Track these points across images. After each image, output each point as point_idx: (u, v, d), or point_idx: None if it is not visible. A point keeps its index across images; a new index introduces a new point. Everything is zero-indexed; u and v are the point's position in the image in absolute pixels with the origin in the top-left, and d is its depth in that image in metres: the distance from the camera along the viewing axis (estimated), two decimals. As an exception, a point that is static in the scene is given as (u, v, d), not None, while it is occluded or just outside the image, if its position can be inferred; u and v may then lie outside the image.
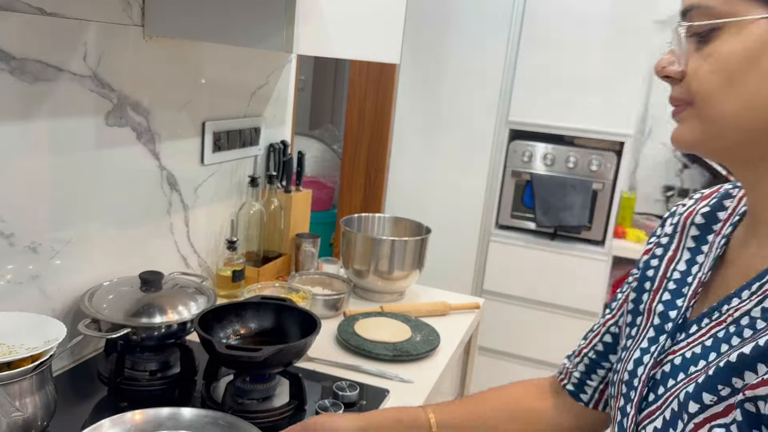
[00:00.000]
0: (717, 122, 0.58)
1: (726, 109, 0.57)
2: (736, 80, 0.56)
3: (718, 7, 0.56)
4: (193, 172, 1.52)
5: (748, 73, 0.55)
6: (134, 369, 1.20)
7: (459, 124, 2.81)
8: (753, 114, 0.56)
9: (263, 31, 1.15)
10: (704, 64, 0.58)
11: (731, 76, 0.56)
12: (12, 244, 1.09)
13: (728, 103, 0.57)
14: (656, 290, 0.73)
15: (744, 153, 0.59)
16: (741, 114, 0.57)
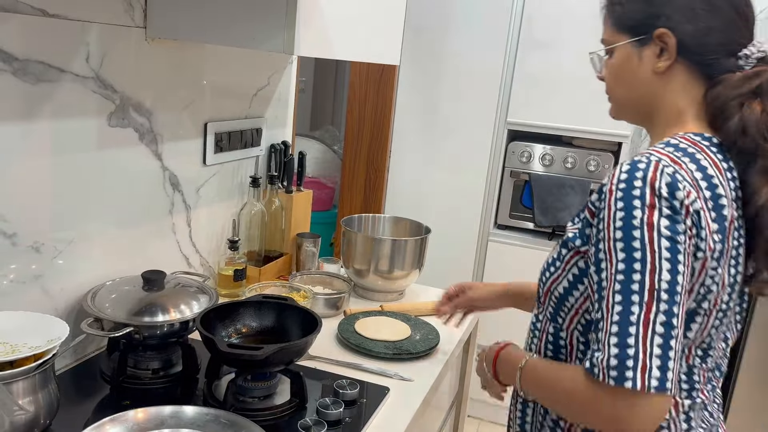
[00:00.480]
0: (618, 103, 0.98)
1: (618, 96, 0.97)
2: (619, 79, 0.95)
3: (608, 39, 0.96)
4: (195, 172, 1.52)
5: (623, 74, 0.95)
6: (136, 368, 1.21)
7: (458, 125, 2.82)
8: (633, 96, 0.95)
9: (264, 32, 1.16)
10: (608, 72, 0.97)
11: (617, 77, 0.96)
12: (15, 243, 1.10)
13: (618, 92, 0.97)
14: None
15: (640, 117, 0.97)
16: (627, 97, 0.96)
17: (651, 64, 0.90)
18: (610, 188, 0.80)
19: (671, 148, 0.85)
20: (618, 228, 0.78)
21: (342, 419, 1.13)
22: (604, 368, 0.76)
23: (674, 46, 0.88)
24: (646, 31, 0.89)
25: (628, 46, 0.92)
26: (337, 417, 1.12)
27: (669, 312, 0.75)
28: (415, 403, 1.24)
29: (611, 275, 0.78)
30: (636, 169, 0.80)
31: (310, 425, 1.08)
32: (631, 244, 0.77)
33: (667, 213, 0.78)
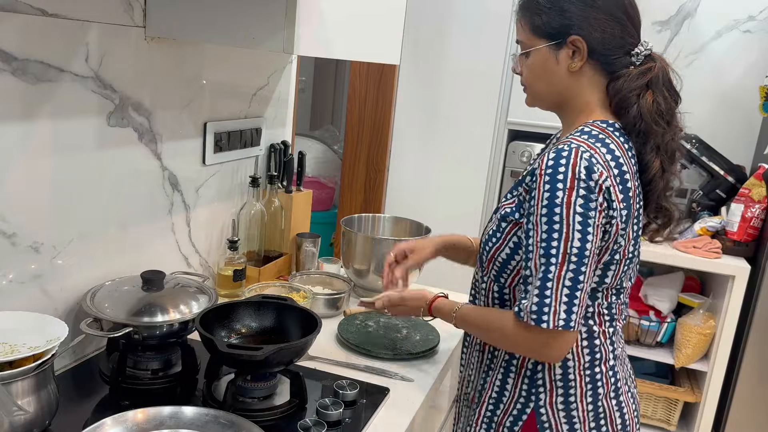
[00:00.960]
0: (537, 95, 1.14)
1: (538, 90, 1.13)
2: (538, 76, 1.12)
3: (527, 42, 1.11)
4: (195, 172, 1.52)
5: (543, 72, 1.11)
6: (136, 368, 1.20)
7: (458, 125, 2.81)
8: (550, 91, 1.12)
9: (264, 32, 1.16)
10: (525, 69, 1.13)
11: (537, 74, 1.12)
12: (14, 243, 1.10)
13: (538, 87, 1.13)
14: None
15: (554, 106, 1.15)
16: (545, 90, 1.13)
17: (566, 64, 1.08)
18: (540, 172, 1.00)
19: (586, 136, 1.04)
20: (544, 206, 0.99)
21: (342, 420, 1.13)
22: (528, 313, 1.00)
23: (585, 50, 1.07)
24: (562, 37, 1.07)
25: (545, 49, 1.09)
26: (337, 417, 1.12)
27: (576, 270, 0.99)
28: (415, 403, 1.23)
29: (536, 242, 1.00)
30: (560, 156, 0.99)
31: (310, 426, 1.08)
32: (552, 219, 0.99)
33: (582, 193, 0.98)
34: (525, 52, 1.12)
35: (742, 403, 2.38)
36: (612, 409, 1.13)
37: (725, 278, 2.35)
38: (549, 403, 1.11)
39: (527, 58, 1.12)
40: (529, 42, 1.11)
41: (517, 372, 1.13)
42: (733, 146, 2.63)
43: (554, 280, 0.99)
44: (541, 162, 1.01)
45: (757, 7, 2.56)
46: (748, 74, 2.60)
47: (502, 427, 1.14)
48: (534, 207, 1.01)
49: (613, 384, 1.13)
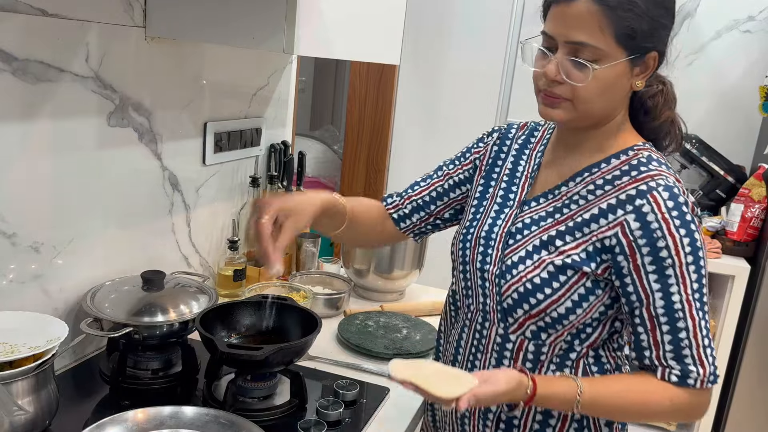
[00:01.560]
0: (587, 113, 0.93)
1: (596, 108, 0.93)
2: (606, 92, 0.91)
3: (606, 51, 0.88)
4: (195, 172, 1.52)
5: (611, 89, 0.91)
6: (136, 368, 1.20)
7: (458, 125, 2.81)
8: (604, 112, 0.95)
9: (264, 32, 1.16)
10: (593, 83, 0.89)
11: (604, 90, 0.91)
12: (14, 243, 1.10)
13: (598, 105, 0.93)
14: (499, 181, 1.10)
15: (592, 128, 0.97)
16: (602, 111, 0.94)
17: (633, 81, 0.93)
18: (663, 216, 0.88)
19: (665, 167, 0.94)
20: (689, 253, 0.88)
21: (342, 420, 1.13)
22: (705, 379, 0.90)
23: (654, 68, 0.94)
24: (643, 51, 0.90)
25: (625, 63, 0.90)
26: (337, 417, 1.12)
27: None
28: (415, 403, 1.23)
29: (689, 296, 0.89)
30: (675, 195, 0.89)
31: (310, 426, 1.08)
32: (699, 264, 0.89)
33: (701, 232, 0.90)
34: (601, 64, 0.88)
35: (741, 403, 2.38)
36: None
37: (725, 278, 2.35)
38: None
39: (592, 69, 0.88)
40: (607, 49, 0.87)
41: None
42: (733, 146, 2.63)
43: (709, 333, 0.91)
44: (655, 205, 0.88)
45: (757, 7, 2.57)
46: (747, 74, 2.60)
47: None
48: (673, 257, 0.88)
49: None
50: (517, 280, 0.97)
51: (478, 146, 1.17)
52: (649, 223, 0.88)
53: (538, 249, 0.96)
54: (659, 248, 0.88)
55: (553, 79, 0.91)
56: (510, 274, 0.98)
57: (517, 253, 0.98)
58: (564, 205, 0.98)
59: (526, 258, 0.97)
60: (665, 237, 0.88)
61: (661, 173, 0.92)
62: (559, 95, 0.92)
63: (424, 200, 1.18)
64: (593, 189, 0.96)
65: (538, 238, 0.97)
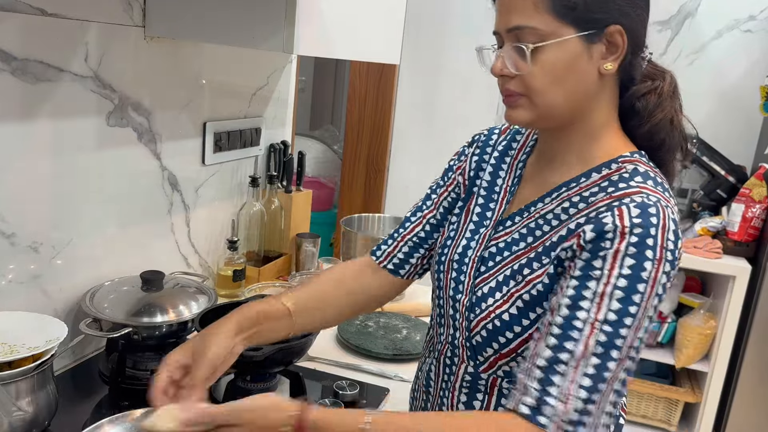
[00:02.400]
0: (545, 109, 0.80)
1: (554, 99, 0.79)
2: (561, 79, 0.78)
3: (543, 29, 0.77)
4: (194, 172, 1.52)
5: (567, 75, 0.78)
6: (135, 368, 1.20)
7: (459, 125, 2.81)
8: (569, 104, 0.80)
9: (264, 32, 1.16)
10: (537, 68, 0.78)
11: (557, 76, 0.78)
12: (13, 243, 1.10)
13: (554, 96, 0.79)
14: (473, 197, 0.97)
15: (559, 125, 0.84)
16: (562, 104, 0.80)
17: (598, 64, 0.78)
18: (623, 230, 0.72)
19: (652, 183, 0.78)
20: (624, 276, 0.72)
21: (342, 420, 1.12)
22: (562, 422, 0.70)
23: (624, 47, 0.78)
24: (598, 25, 0.76)
25: (576, 40, 0.76)
26: (337, 418, 1.11)
27: (628, 370, 0.74)
28: (415, 403, 1.23)
29: (596, 321, 0.72)
30: (648, 213, 0.73)
31: (310, 426, 1.07)
32: (631, 297, 0.72)
33: (667, 269, 0.73)
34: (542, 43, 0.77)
35: (742, 403, 2.38)
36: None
37: (726, 278, 2.35)
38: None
39: (537, 53, 0.78)
40: (548, 29, 0.77)
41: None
42: (734, 146, 2.63)
43: (608, 381, 0.71)
44: (618, 218, 0.73)
45: (758, 6, 2.56)
46: (748, 74, 2.60)
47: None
48: (603, 273, 0.73)
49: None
50: (485, 315, 0.84)
51: (459, 161, 1.03)
52: (605, 233, 0.73)
53: (507, 279, 0.83)
54: (597, 257, 0.73)
55: (500, 74, 0.82)
56: (479, 307, 0.85)
57: (488, 284, 0.86)
58: (537, 226, 0.85)
59: (496, 290, 0.84)
60: (608, 249, 0.73)
61: (643, 190, 0.76)
62: (513, 91, 0.82)
63: (419, 236, 1.04)
64: (567, 207, 0.82)
65: (509, 267, 0.84)
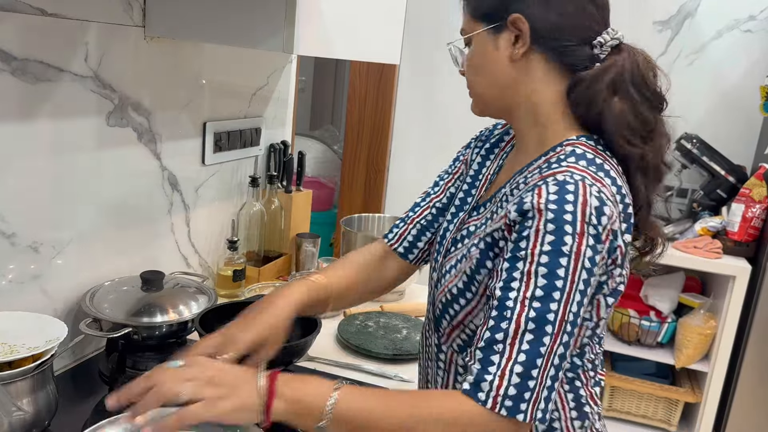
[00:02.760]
0: (480, 98, 0.93)
1: (480, 88, 0.92)
2: (478, 71, 0.91)
3: (465, 28, 0.91)
4: (194, 172, 1.52)
5: (482, 66, 0.90)
6: (135, 368, 1.20)
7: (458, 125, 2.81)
8: (493, 92, 0.90)
9: (264, 32, 1.16)
10: (468, 63, 0.92)
11: (478, 68, 0.90)
12: (13, 243, 1.10)
13: (479, 86, 0.92)
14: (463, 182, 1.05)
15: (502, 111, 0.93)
16: (487, 92, 0.91)
17: (507, 52, 0.87)
18: (538, 209, 0.76)
19: (584, 162, 0.81)
20: (545, 252, 0.75)
21: (341, 420, 1.12)
22: (499, 397, 0.73)
23: (528, 32, 0.85)
24: (501, 17, 0.86)
25: (484, 34, 0.88)
26: (337, 418, 1.11)
27: (567, 344, 0.75)
28: (415, 403, 1.23)
29: (525, 299, 0.75)
30: (565, 190, 0.76)
31: (310, 426, 1.07)
32: (555, 272, 0.74)
33: (591, 243, 0.76)
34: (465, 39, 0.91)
35: (742, 403, 2.38)
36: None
37: (726, 278, 2.35)
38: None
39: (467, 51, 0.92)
40: (468, 27, 0.91)
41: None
42: (734, 146, 2.63)
43: (545, 357, 0.74)
44: (536, 197, 0.77)
45: (758, 6, 2.56)
46: (748, 74, 2.60)
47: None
48: (528, 252, 0.76)
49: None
50: (442, 289, 0.92)
51: (465, 152, 1.11)
52: (525, 213, 0.77)
53: (462, 258, 0.90)
54: (521, 237, 0.77)
55: (460, 71, 0.96)
56: (440, 283, 0.93)
57: (450, 262, 0.92)
58: (495, 210, 0.90)
59: (453, 267, 0.91)
60: (530, 230, 0.76)
61: (569, 169, 0.79)
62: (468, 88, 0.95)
63: (427, 220, 1.10)
64: (514, 189, 0.88)
65: (467, 247, 0.90)
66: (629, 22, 2.48)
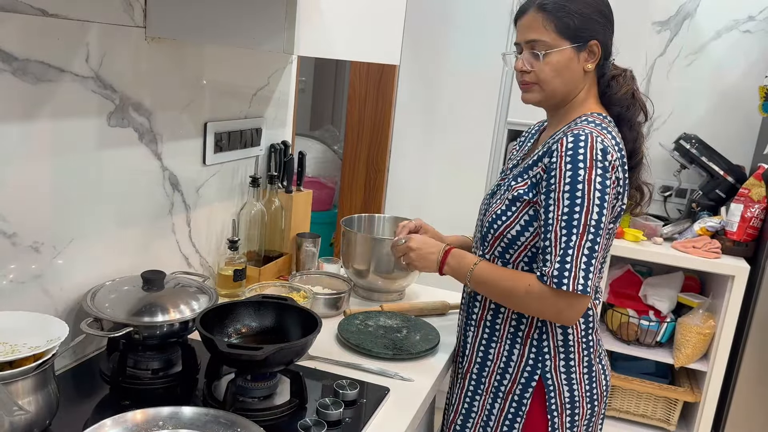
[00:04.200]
0: (550, 93, 1.25)
1: (555, 87, 1.24)
2: (561, 73, 1.23)
3: (551, 42, 1.21)
4: (195, 172, 1.52)
5: (565, 70, 1.23)
6: (136, 368, 1.20)
7: (458, 125, 2.82)
8: (565, 89, 1.24)
9: (264, 32, 1.16)
10: (546, 67, 1.22)
11: (559, 71, 1.22)
12: (15, 243, 1.10)
13: (556, 84, 1.23)
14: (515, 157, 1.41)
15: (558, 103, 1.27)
16: (561, 89, 1.24)
17: (582, 65, 1.23)
18: (561, 153, 1.14)
19: (592, 125, 1.18)
20: (567, 182, 1.12)
21: (342, 419, 1.13)
22: (550, 277, 1.12)
23: (600, 54, 1.23)
24: (585, 41, 1.21)
25: (570, 50, 1.21)
26: (337, 417, 1.12)
27: (594, 241, 1.12)
28: (415, 403, 1.23)
29: (558, 216, 1.13)
30: (578, 140, 1.13)
31: (310, 425, 1.08)
32: (575, 194, 1.12)
33: (600, 172, 1.12)
34: (549, 51, 1.21)
35: (741, 402, 2.38)
36: (600, 371, 1.31)
37: (725, 278, 2.35)
38: (554, 368, 1.25)
39: (546, 57, 1.21)
40: (553, 42, 1.21)
41: (523, 342, 1.27)
42: (733, 146, 2.63)
43: (575, 248, 1.11)
44: (560, 145, 1.14)
45: (757, 7, 2.57)
46: (747, 74, 2.60)
47: (511, 395, 1.28)
48: (555, 185, 1.13)
49: (599, 350, 1.31)
50: (490, 213, 1.28)
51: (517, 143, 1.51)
52: (552, 161, 1.15)
53: (504, 192, 1.27)
54: (551, 176, 1.15)
55: (521, 70, 1.25)
56: (487, 210, 1.31)
57: (496, 195, 1.31)
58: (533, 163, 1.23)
59: (497, 199, 1.29)
60: (556, 168, 1.14)
61: (582, 128, 1.15)
62: (528, 81, 1.25)
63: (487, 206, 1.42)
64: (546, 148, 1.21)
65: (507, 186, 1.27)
66: (629, 22, 2.49)
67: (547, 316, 1.19)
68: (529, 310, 1.21)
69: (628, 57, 2.53)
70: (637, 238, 2.50)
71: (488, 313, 1.31)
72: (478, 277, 1.25)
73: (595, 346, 1.29)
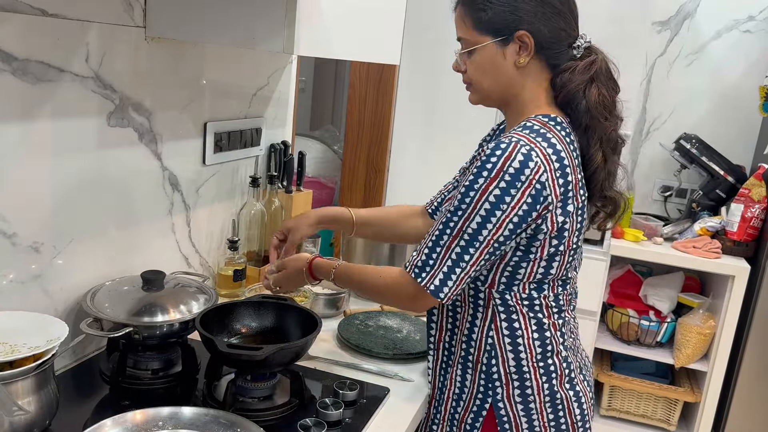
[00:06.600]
0: (485, 93, 1.16)
1: (485, 87, 1.14)
2: (488, 72, 1.12)
3: (470, 39, 1.12)
4: (195, 172, 1.52)
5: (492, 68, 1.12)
6: (136, 368, 1.20)
7: (458, 125, 2.81)
8: (497, 89, 1.14)
9: (264, 32, 1.16)
10: (472, 66, 1.14)
11: (485, 70, 1.12)
12: (14, 243, 1.10)
13: (485, 84, 1.14)
14: None
15: (500, 102, 1.17)
16: (496, 88, 1.14)
17: (513, 60, 1.10)
18: (479, 157, 1.06)
19: (527, 131, 1.06)
20: (464, 186, 1.05)
21: (342, 419, 1.13)
22: (413, 265, 1.08)
23: (532, 45, 1.08)
24: (509, 33, 1.08)
25: (492, 45, 1.10)
26: (337, 417, 1.12)
27: (464, 249, 1.05)
28: (415, 403, 1.23)
29: (446, 210, 1.08)
30: (498, 148, 1.03)
31: (310, 425, 1.08)
32: (464, 199, 1.05)
33: (502, 185, 1.02)
34: (471, 49, 1.11)
35: (742, 402, 2.38)
36: (570, 399, 1.15)
37: (725, 278, 2.35)
38: (506, 396, 1.13)
39: (471, 56, 1.12)
40: (472, 39, 1.11)
41: (473, 368, 1.16)
42: (733, 146, 2.63)
43: (443, 249, 1.06)
44: (482, 151, 1.14)
45: (757, 7, 2.57)
46: (748, 74, 2.60)
47: (463, 424, 1.17)
48: (461, 184, 1.07)
49: (567, 374, 1.15)
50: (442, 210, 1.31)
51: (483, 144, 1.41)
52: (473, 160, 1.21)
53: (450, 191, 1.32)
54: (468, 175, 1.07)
55: (456, 71, 1.19)
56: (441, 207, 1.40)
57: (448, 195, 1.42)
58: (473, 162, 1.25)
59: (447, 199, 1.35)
60: (468, 169, 1.13)
61: (513, 135, 1.05)
62: (465, 81, 1.18)
63: (453, 185, 1.45)
64: None
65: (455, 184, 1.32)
66: (629, 22, 2.49)
67: (395, 302, 1.18)
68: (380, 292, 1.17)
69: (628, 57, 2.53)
70: (637, 238, 2.50)
71: (445, 334, 1.22)
72: (342, 275, 1.22)
73: (559, 371, 1.14)
